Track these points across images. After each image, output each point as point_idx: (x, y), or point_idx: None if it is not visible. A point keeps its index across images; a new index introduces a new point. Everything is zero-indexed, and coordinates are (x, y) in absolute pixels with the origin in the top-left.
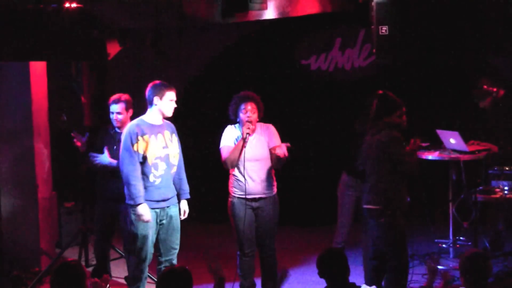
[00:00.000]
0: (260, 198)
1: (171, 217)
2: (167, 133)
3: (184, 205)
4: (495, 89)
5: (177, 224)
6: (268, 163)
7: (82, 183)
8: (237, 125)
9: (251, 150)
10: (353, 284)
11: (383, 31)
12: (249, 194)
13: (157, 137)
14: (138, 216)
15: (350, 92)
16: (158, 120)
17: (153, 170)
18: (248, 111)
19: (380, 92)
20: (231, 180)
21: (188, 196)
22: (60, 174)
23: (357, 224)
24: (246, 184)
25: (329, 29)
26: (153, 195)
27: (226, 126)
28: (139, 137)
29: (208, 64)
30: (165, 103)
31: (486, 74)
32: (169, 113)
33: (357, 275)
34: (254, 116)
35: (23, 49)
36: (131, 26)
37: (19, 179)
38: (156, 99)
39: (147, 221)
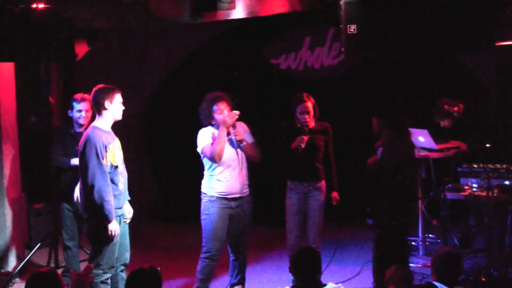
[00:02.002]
0: (239, 198)
1: (125, 223)
2: (116, 138)
3: (129, 206)
4: (455, 109)
5: (127, 227)
6: (245, 162)
7: (51, 184)
8: (209, 127)
9: (230, 150)
10: (320, 282)
11: (352, 30)
12: (230, 194)
13: (115, 142)
14: (111, 232)
15: (320, 91)
16: (109, 126)
17: (120, 177)
18: (222, 110)
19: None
20: (207, 179)
21: (129, 198)
22: (29, 176)
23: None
24: (227, 183)
25: (298, 28)
26: (120, 202)
27: (197, 127)
28: (107, 148)
29: (177, 64)
30: (116, 106)
31: (457, 73)
32: (120, 116)
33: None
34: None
35: None
36: (98, 27)
37: None
38: (107, 103)
39: (116, 235)
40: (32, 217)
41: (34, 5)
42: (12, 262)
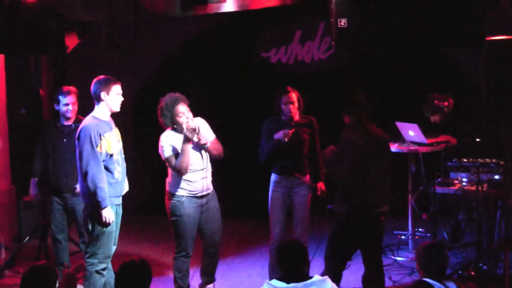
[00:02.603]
0: (207, 194)
1: (119, 214)
2: (114, 127)
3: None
4: (446, 103)
5: (120, 221)
6: (209, 161)
7: (41, 177)
8: (170, 132)
9: (194, 154)
10: (306, 274)
11: (342, 23)
12: (198, 192)
13: (112, 132)
14: (105, 218)
15: (310, 85)
16: (107, 116)
17: (116, 166)
18: (184, 113)
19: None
20: (174, 180)
21: (128, 189)
22: (18, 168)
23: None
24: (195, 183)
25: (289, 22)
26: (116, 191)
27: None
28: (102, 137)
29: (167, 58)
30: (113, 98)
31: (447, 68)
32: (117, 108)
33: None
34: (190, 115)
35: None
36: (87, 19)
37: None
38: (103, 94)
39: (111, 222)
40: (21, 209)
41: None
42: (1, 254)
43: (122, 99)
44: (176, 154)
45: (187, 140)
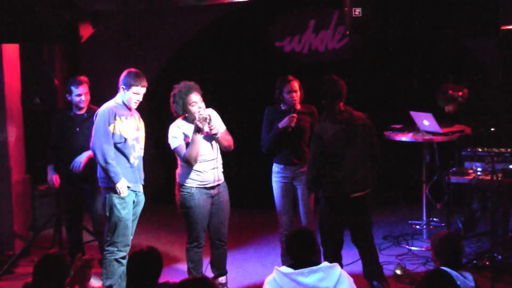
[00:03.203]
0: (217, 185)
1: (138, 203)
2: (136, 116)
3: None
4: (460, 93)
5: (139, 212)
6: (219, 151)
7: (55, 165)
8: (180, 122)
9: (204, 144)
10: (315, 262)
11: (356, 13)
12: (208, 183)
13: (131, 119)
14: (119, 190)
15: (324, 74)
16: (125, 105)
17: (132, 151)
18: (197, 102)
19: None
20: (183, 171)
21: (143, 183)
22: (33, 157)
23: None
24: (205, 174)
25: (303, 11)
26: (131, 176)
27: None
28: (117, 117)
29: (180, 47)
30: (129, 96)
31: (461, 58)
32: (132, 105)
33: None
34: (203, 105)
35: None
36: (101, 8)
37: None
38: (122, 90)
39: (125, 195)
40: (36, 198)
41: None
42: (16, 244)
43: (140, 99)
44: (186, 144)
45: (197, 130)
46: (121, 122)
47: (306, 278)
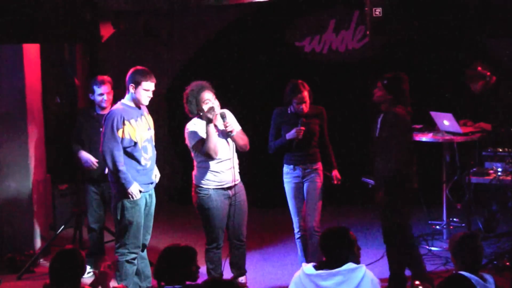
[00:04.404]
0: (235, 185)
1: (151, 202)
2: (146, 114)
3: (156, 170)
4: (488, 73)
5: (153, 210)
6: (235, 151)
7: (75, 165)
8: (196, 120)
9: (220, 142)
10: (346, 260)
11: (377, 13)
12: (226, 183)
13: (142, 119)
14: (131, 195)
15: (344, 74)
16: (136, 105)
17: (143, 153)
18: (210, 100)
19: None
20: (200, 172)
21: (157, 180)
22: (53, 157)
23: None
24: (222, 174)
25: (323, 11)
26: (143, 178)
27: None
28: (126, 122)
29: (201, 46)
30: (139, 93)
31: (481, 57)
32: (145, 102)
33: None
34: (217, 103)
35: (16, 32)
36: (123, 9)
37: (13, 162)
38: (131, 88)
39: (137, 199)
40: (56, 198)
41: None
42: (37, 243)
43: (151, 96)
44: (203, 140)
45: (209, 120)
46: (130, 126)
47: (324, 281)
